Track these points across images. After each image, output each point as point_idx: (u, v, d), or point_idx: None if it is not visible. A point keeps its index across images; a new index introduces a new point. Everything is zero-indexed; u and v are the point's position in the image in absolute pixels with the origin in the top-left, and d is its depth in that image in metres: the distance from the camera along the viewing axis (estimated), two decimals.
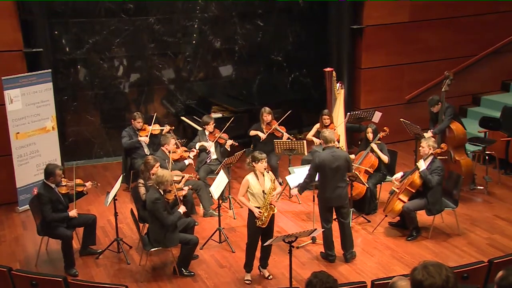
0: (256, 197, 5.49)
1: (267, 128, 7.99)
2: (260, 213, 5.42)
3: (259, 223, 5.46)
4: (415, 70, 9.64)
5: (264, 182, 5.50)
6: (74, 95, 9.17)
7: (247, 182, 5.49)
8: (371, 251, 6.32)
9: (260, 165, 5.44)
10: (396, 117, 8.45)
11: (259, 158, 5.43)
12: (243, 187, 5.53)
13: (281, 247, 6.27)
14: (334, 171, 5.71)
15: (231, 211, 7.38)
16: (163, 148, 7.11)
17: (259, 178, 5.50)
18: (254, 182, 5.48)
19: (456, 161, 7.25)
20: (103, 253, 6.37)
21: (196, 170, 7.63)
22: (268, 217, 5.45)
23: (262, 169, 5.47)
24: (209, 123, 7.61)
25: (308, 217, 7.18)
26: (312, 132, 8.06)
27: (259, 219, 5.44)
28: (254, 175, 5.50)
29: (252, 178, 5.49)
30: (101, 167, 9.21)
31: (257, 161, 5.44)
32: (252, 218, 5.52)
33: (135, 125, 7.80)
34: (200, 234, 6.49)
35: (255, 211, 5.45)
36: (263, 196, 5.46)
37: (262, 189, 5.46)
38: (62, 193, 6.11)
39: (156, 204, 5.61)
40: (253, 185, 5.48)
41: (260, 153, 5.49)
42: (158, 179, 5.70)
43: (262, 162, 5.44)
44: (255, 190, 5.48)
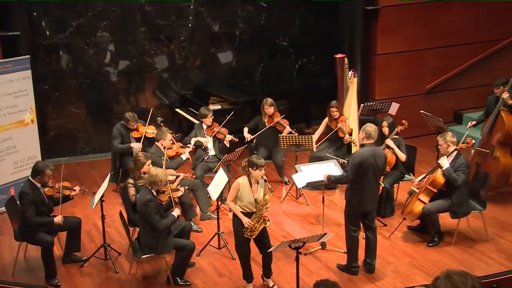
0: (245, 204, 5.44)
1: (269, 121, 7.98)
2: (251, 223, 5.39)
3: (247, 234, 5.44)
4: (437, 56, 9.58)
5: (257, 190, 5.45)
6: (56, 84, 9.13)
7: (237, 186, 5.44)
8: (387, 258, 6.29)
9: (258, 172, 5.38)
10: (415, 108, 8.42)
11: (258, 165, 5.35)
12: (233, 190, 5.49)
13: (287, 254, 6.24)
14: (374, 171, 5.67)
15: (231, 214, 7.30)
16: (158, 143, 7.08)
17: (253, 184, 5.45)
18: (245, 188, 5.43)
19: (496, 158, 7.17)
20: (88, 261, 6.34)
21: (193, 168, 7.61)
22: (259, 229, 5.42)
23: (258, 177, 5.41)
24: (207, 116, 7.58)
25: (317, 220, 7.16)
26: (321, 128, 8.03)
27: (248, 229, 5.42)
28: (247, 180, 5.45)
29: (244, 183, 5.44)
30: (86, 165, 9.18)
31: (255, 167, 5.38)
32: (237, 225, 5.49)
33: (128, 126, 7.74)
34: (197, 239, 6.46)
35: (245, 221, 5.42)
36: (254, 205, 5.42)
37: (254, 198, 5.41)
38: (47, 195, 6.08)
39: (148, 206, 5.59)
40: (243, 191, 5.44)
41: (259, 158, 5.42)
42: (151, 179, 5.67)
43: (261, 170, 5.37)
44: (244, 197, 5.44)
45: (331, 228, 6.90)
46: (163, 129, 7.21)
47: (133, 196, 6.18)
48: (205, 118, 7.60)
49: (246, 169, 5.47)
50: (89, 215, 7.35)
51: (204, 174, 7.52)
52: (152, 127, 7.93)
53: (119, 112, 8.02)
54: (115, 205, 7.60)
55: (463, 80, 9.76)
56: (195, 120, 8.52)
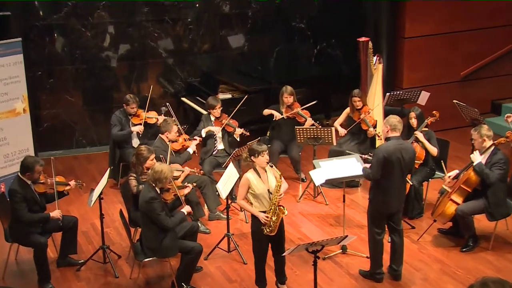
0: (261, 198, 5.43)
1: (288, 111, 7.97)
2: (267, 218, 5.37)
3: (267, 231, 5.41)
4: (473, 39, 9.50)
5: (268, 179, 5.44)
6: (50, 70, 9.16)
7: (247, 182, 5.42)
8: (415, 264, 6.26)
9: (261, 159, 5.37)
10: (448, 98, 8.37)
11: (259, 151, 5.36)
12: (242, 187, 5.47)
13: (303, 258, 6.24)
14: (401, 167, 5.63)
15: (242, 214, 7.37)
16: (163, 136, 7.08)
17: (261, 175, 5.45)
18: (255, 180, 5.42)
19: None
20: (85, 264, 6.37)
21: (200, 163, 7.62)
22: (277, 222, 5.39)
23: (264, 164, 5.39)
24: (215, 107, 7.58)
25: (337, 222, 7.14)
26: (341, 119, 8.00)
27: (266, 225, 5.39)
28: (255, 172, 5.45)
29: (252, 176, 5.43)
30: (83, 159, 9.21)
31: (256, 154, 5.38)
32: (256, 226, 5.47)
33: (127, 110, 7.80)
34: (205, 241, 6.45)
35: (261, 217, 5.39)
36: (269, 196, 5.41)
37: (267, 188, 5.41)
38: (39, 192, 6.11)
39: (152, 204, 5.59)
40: (255, 185, 5.41)
41: (259, 144, 5.44)
42: (155, 175, 5.67)
43: (263, 155, 5.37)
44: (258, 191, 5.42)
45: (352, 230, 6.87)
46: (169, 120, 7.21)
47: (135, 187, 6.17)
48: (213, 110, 7.59)
49: (248, 159, 5.46)
50: (86, 214, 7.37)
51: (212, 170, 7.51)
52: (154, 112, 7.96)
53: (120, 101, 8.03)
54: (115, 203, 7.61)
55: (502, 66, 9.67)
56: (203, 110, 8.53)
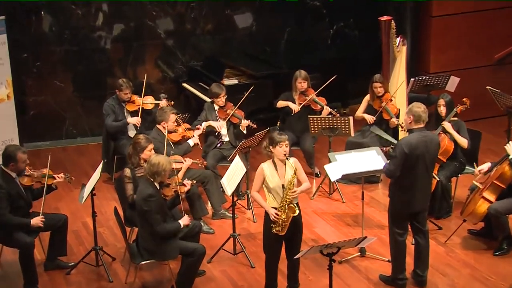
0: (274, 193, 5.48)
1: (301, 99, 7.93)
2: (277, 215, 5.39)
3: (275, 229, 5.44)
4: (509, 18, 9.43)
5: (285, 173, 5.48)
6: (37, 53, 9.15)
7: (262, 172, 5.49)
8: (442, 269, 6.25)
9: (278, 149, 5.42)
10: (480, 84, 8.33)
11: (278, 140, 5.41)
12: (257, 179, 5.54)
13: (318, 262, 6.22)
14: (425, 162, 5.62)
15: (249, 212, 7.35)
16: (160, 126, 7.08)
17: (278, 167, 5.47)
18: (271, 173, 5.47)
19: None
20: (76, 267, 6.37)
21: (203, 155, 7.61)
22: (287, 221, 5.42)
23: (281, 155, 5.44)
24: (219, 95, 7.56)
25: (355, 221, 7.13)
26: (362, 107, 7.98)
27: (276, 224, 5.43)
28: (272, 164, 5.49)
29: (268, 168, 5.48)
30: (73, 151, 9.22)
31: (275, 144, 5.42)
32: (267, 222, 5.51)
33: (120, 96, 7.80)
34: (208, 242, 6.45)
35: (271, 213, 5.43)
36: (282, 191, 5.46)
37: (282, 183, 5.44)
38: (25, 185, 6.12)
39: (149, 203, 5.59)
40: (269, 177, 5.46)
41: (280, 133, 5.46)
42: (152, 168, 5.67)
43: (281, 146, 5.41)
44: (272, 184, 5.46)
45: (372, 231, 6.86)
46: (165, 108, 7.20)
47: (130, 196, 6.19)
48: (216, 98, 7.58)
49: (267, 149, 5.48)
50: (77, 212, 7.37)
51: (216, 164, 7.51)
52: (150, 97, 7.94)
53: (114, 87, 8.01)
54: (109, 200, 7.61)
55: None
56: (206, 97, 8.52)
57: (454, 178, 7.18)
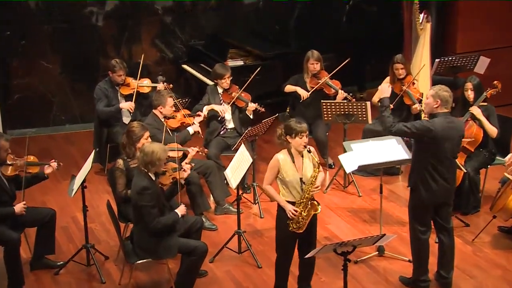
0: (290, 187, 5.47)
1: (313, 82, 7.92)
2: (296, 212, 5.42)
3: (293, 227, 5.46)
4: None
5: (302, 166, 5.48)
6: (22, 30, 9.17)
7: (277, 164, 5.47)
8: (470, 270, 6.24)
9: (298, 140, 5.41)
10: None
11: (298, 131, 5.40)
12: (271, 171, 5.52)
13: (331, 261, 6.23)
14: (449, 150, 5.59)
15: (256, 207, 7.37)
16: (156, 111, 7.08)
17: (296, 159, 5.48)
18: (287, 165, 5.46)
19: None
20: (65, 267, 6.38)
21: (205, 144, 7.61)
22: (307, 219, 5.44)
23: (300, 147, 5.44)
24: (223, 77, 7.55)
25: (372, 217, 7.14)
26: None
27: (293, 220, 5.44)
28: (288, 155, 5.48)
29: (285, 159, 5.47)
30: (62, 139, 9.23)
31: (293, 134, 5.41)
32: (282, 219, 5.51)
33: (114, 78, 7.80)
34: (210, 240, 6.46)
35: (288, 209, 5.44)
36: (300, 186, 5.45)
37: (300, 177, 5.45)
38: (8, 176, 6.11)
39: (143, 197, 5.58)
40: (285, 170, 5.45)
41: (298, 122, 5.44)
42: (146, 158, 5.66)
43: (301, 137, 5.40)
44: (288, 177, 5.45)
45: (391, 227, 6.85)
46: (162, 92, 7.20)
47: (122, 192, 6.21)
48: (220, 80, 7.57)
49: (283, 138, 5.47)
50: (66, 206, 7.38)
51: (220, 153, 7.51)
52: (147, 79, 7.95)
53: (107, 68, 8.00)
54: (101, 192, 7.62)
55: None
56: (208, 80, 8.49)
57: (483, 170, 7.16)
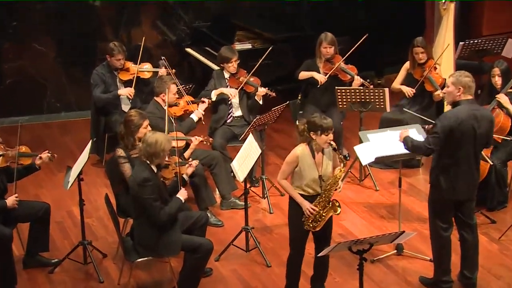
0: (306, 183, 5.53)
1: (327, 67, 7.92)
2: (313, 210, 5.47)
3: (308, 225, 5.52)
4: None
5: (322, 163, 5.53)
6: (13, 10, 9.16)
7: (295, 160, 5.52)
8: (496, 270, 6.23)
9: (323, 138, 5.45)
10: None
11: (325, 128, 5.41)
12: (288, 164, 5.57)
13: (346, 260, 6.25)
14: (474, 141, 5.58)
15: (265, 201, 7.38)
16: (158, 98, 7.10)
17: (316, 155, 5.52)
18: (307, 161, 5.50)
19: None
20: (61, 265, 6.40)
21: (210, 133, 7.61)
22: (325, 219, 5.53)
23: (325, 145, 5.48)
24: (230, 60, 7.55)
25: (390, 213, 7.15)
26: (400, 77, 7.96)
27: (310, 219, 5.50)
28: (308, 150, 5.53)
29: (304, 154, 5.52)
30: (57, 128, 9.26)
31: (319, 131, 5.43)
32: (296, 214, 5.57)
33: (112, 63, 7.81)
34: (216, 237, 6.47)
35: (305, 207, 5.49)
36: (319, 184, 5.49)
37: (319, 174, 5.50)
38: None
39: (145, 189, 5.58)
40: (304, 166, 5.50)
41: (324, 118, 5.45)
42: (149, 149, 5.66)
43: (328, 134, 5.43)
44: (307, 174, 5.50)
45: (411, 224, 6.85)
46: (165, 78, 7.20)
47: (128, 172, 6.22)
48: (227, 63, 7.57)
49: (306, 134, 5.49)
50: (61, 200, 7.41)
51: (226, 143, 7.53)
52: (148, 64, 7.95)
53: (104, 52, 8.00)
54: (99, 185, 7.65)
55: None
56: (214, 64, 8.47)
57: (510, 162, 7.15)
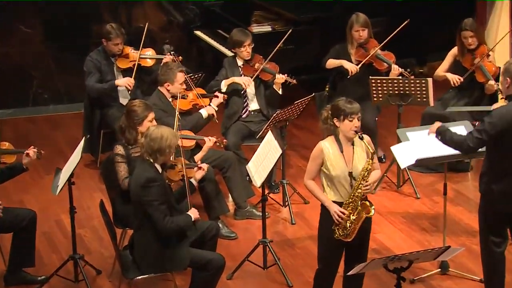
0: (337, 184, 5.51)
1: (360, 54, 7.94)
2: (343, 215, 5.44)
3: (339, 234, 5.50)
4: None
5: (353, 157, 5.52)
6: None
7: (320, 154, 5.51)
8: None
9: (347, 124, 5.44)
10: None
11: (348, 112, 5.42)
12: (313, 162, 5.57)
13: (380, 280, 6.25)
14: None
15: (286, 210, 7.40)
16: (162, 88, 7.13)
17: (345, 148, 5.52)
18: (334, 155, 5.50)
19: None
20: (48, 282, 6.41)
21: (223, 132, 7.65)
22: (357, 224, 5.46)
23: (350, 133, 5.46)
24: (243, 44, 7.56)
25: (433, 225, 7.15)
26: (445, 65, 7.96)
27: (340, 226, 5.48)
28: (335, 143, 5.52)
29: (331, 148, 5.51)
30: (44, 122, 9.34)
31: (342, 116, 5.43)
32: (326, 223, 5.55)
33: (109, 48, 7.86)
34: (229, 251, 6.52)
35: (333, 211, 5.47)
36: (349, 183, 5.47)
37: (349, 171, 5.48)
38: None
39: (149, 191, 5.58)
40: (331, 162, 5.49)
41: (349, 101, 5.46)
42: (153, 145, 5.65)
43: (351, 119, 5.42)
44: (335, 171, 5.49)
45: (458, 238, 6.85)
46: (171, 65, 7.21)
47: (125, 180, 6.22)
48: (239, 48, 7.58)
49: (330, 122, 5.49)
50: (49, 207, 7.44)
51: (241, 142, 7.57)
52: (150, 49, 7.99)
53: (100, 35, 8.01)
54: (93, 190, 7.69)
55: None
56: (226, 50, 8.51)
57: None
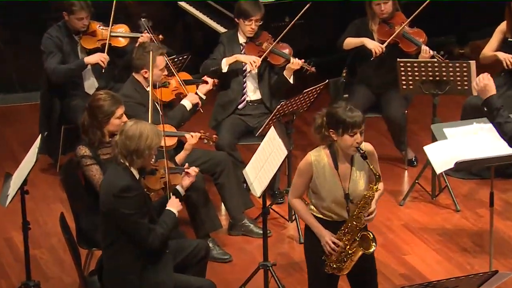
0: (330, 204, 5.56)
1: (383, 32, 8.00)
2: (336, 245, 5.52)
3: (330, 266, 5.59)
4: None
5: (350, 176, 5.56)
6: None
7: (309, 169, 5.57)
8: None
9: (347, 139, 5.44)
10: None
11: (348, 123, 5.41)
12: (300, 178, 5.65)
13: None
14: None
15: (292, 226, 7.45)
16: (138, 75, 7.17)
17: (341, 163, 5.56)
18: (326, 171, 5.56)
19: None
20: None
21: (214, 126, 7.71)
22: (353, 260, 5.56)
23: (350, 149, 5.48)
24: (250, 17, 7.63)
25: (477, 244, 7.17)
26: (493, 43, 8.00)
27: (332, 257, 5.56)
28: (329, 155, 5.56)
29: (322, 161, 5.57)
30: None
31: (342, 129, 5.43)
32: (314, 250, 5.65)
33: (72, 24, 7.89)
34: (221, 276, 6.57)
35: (324, 240, 5.55)
36: (345, 206, 5.51)
37: (345, 192, 5.52)
38: None
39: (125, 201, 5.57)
40: (321, 179, 5.56)
41: (350, 109, 5.44)
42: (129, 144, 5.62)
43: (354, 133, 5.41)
44: (326, 191, 5.55)
45: (507, 261, 6.87)
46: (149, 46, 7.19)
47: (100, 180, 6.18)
48: (244, 20, 7.62)
49: (324, 131, 5.48)
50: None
51: (236, 141, 7.61)
52: (123, 26, 8.04)
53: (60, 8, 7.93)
54: (51, 201, 7.72)
55: None
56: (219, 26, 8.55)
57: None
